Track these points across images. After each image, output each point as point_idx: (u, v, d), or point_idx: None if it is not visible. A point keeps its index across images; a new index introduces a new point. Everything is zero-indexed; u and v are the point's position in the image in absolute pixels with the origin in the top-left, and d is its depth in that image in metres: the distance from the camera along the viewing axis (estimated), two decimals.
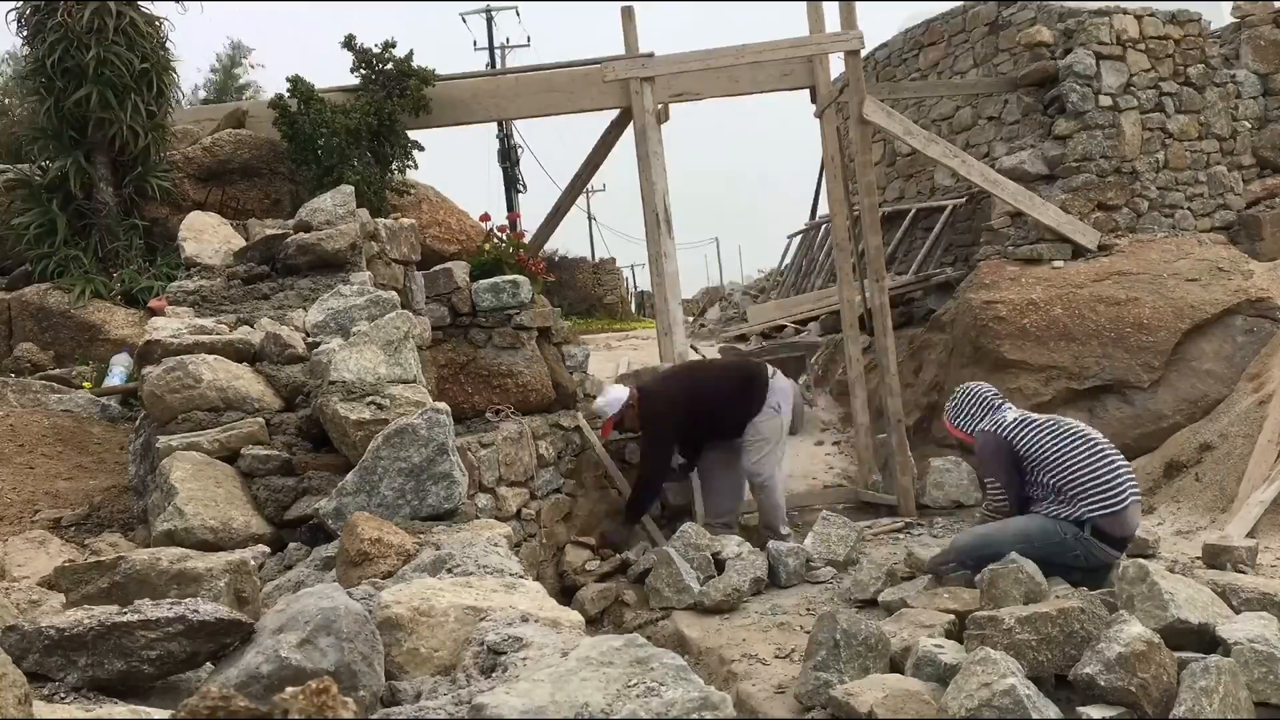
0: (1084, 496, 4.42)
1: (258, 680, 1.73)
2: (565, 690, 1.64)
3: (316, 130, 7.57)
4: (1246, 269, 8.32)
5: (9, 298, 6.66)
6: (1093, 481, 4.43)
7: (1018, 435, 4.70)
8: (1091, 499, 4.41)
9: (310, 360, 3.69)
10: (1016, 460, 4.69)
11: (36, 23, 6.82)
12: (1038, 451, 4.60)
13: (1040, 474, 4.59)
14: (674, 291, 7.69)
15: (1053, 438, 4.59)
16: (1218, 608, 3.73)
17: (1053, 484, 4.53)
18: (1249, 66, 9.60)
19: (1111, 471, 4.45)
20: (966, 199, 10.25)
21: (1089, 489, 4.42)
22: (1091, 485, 4.43)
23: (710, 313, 19.90)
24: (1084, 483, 4.44)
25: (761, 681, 4.19)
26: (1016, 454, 4.68)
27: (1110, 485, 4.42)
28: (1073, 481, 4.46)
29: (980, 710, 3.08)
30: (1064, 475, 4.49)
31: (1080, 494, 4.43)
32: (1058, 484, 4.51)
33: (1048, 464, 4.55)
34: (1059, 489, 4.50)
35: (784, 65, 8.39)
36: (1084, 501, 4.42)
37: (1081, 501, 4.42)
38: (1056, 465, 4.52)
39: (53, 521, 3.90)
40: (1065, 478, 4.49)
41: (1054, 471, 4.52)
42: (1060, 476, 4.50)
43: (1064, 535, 4.42)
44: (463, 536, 2.86)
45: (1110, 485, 4.42)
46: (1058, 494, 4.51)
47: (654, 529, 6.71)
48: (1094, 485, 4.43)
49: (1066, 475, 4.48)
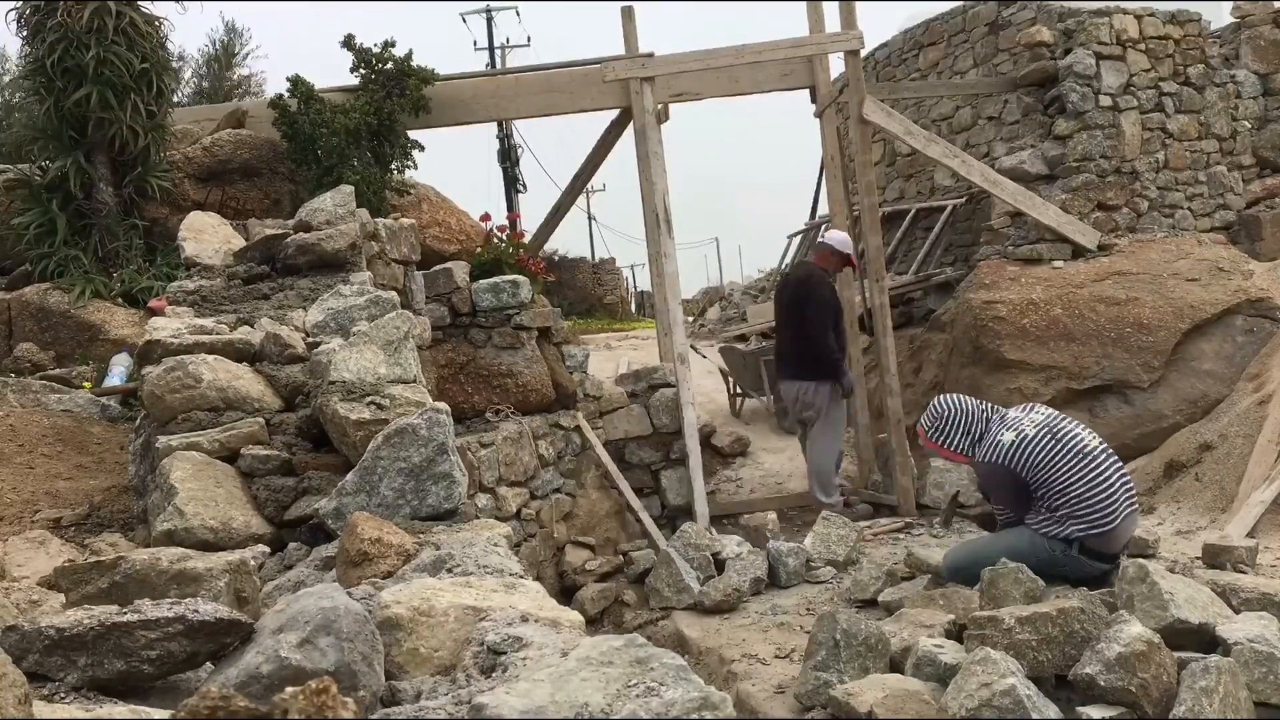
0: (1074, 517, 4.36)
1: (258, 680, 1.73)
2: (565, 690, 1.64)
3: (316, 130, 7.57)
4: (1246, 269, 8.32)
5: (9, 298, 6.66)
6: (1085, 502, 4.36)
7: (1017, 460, 4.54)
8: (1082, 519, 4.35)
9: (310, 360, 3.69)
10: (1022, 485, 4.57)
11: (36, 23, 6.82)
12: (1036, 474, 4.50)
13: (1036, 491, 4.52)
14: (674, 291, 7.70)
15: (1049, 458, 4.46)
16: (1218, 608, 3.73)
17: (1047, 501, 4.47)
18: (1249, 66, 9.60)
19: (1105, 491, 4.37)
20: (966, 199, 10.25)
21: (1080, 510, 4.36)
22: (1083, 506, 4.36)
23: (710, 313, 19.88)
24: (1076, 504, 4.37)
25: (761, 681, 4.19)
26: (1021, 480, 4.55)
27: (1103, 505, 4.35)
28: (1066, 501, 4.39)
29: (980, 710, 3.08)
30: (1057, 496, 4.42)
31: (1071, 515, 4.37)
32: (1052, 503, 4.44)
33: (1042, 484, 4.47)
34: (1053, 508, 4.44)
35: (784, 65, 8.39)
36: (1074, 522, 4.36)
37: (1072, 522, 4.36)
38: (1050, 487, 4.44)
39: (53, 521, 3.90)
40: (1058, 499, 4.42)
41: (1049, 491, 4.45)
42: (1055, 497, 4.43)
43: (1052, 552, 4.38)
44: (463, 536, 2.86)
45: (1103, 505, 4.35)
46: (1050, 511, 4.44)
47: (654, 529, 6.72)
48: (1086, 506, 4.36)
49: (1060, 496, 4.41)
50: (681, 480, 7.38)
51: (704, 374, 10.06)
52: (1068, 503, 4.38)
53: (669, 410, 7.52)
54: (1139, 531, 5.48)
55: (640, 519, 6.89)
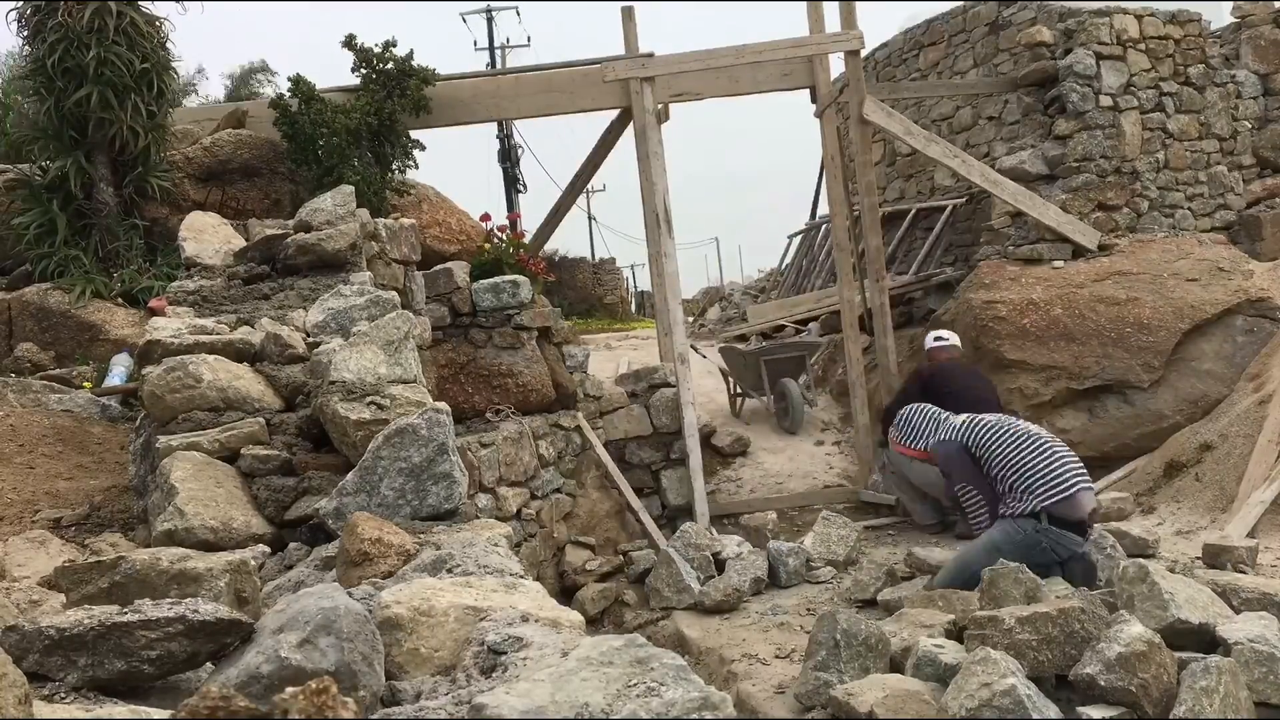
0: (1032, 491, 4.69)
1: (258, 680, 1.73)
2: (565, 690, 1.64)
3: (317, 130, 7.57)
4: (1246, 269, 8.32)
5: (9, 298, 6.66)
6: (1041, 473, 4.71)
7: (969, 436, 5.14)
8: (1040, 489, 4.68)
9: (310, 360, 3.69)
10: (976, 460, 5.09)
11: (37, 23, 6.82)
12: (988, 451, 4.98)
13: (993, 471, 4.92)
14: (674, 291, 7.70)
15: (998, 435, 4.98)
16: (1218, 608, 3.73)
17: (1006, 482, 4.84)
18: (1249, 66, 9.59)
19: (1058, 463, 4.74)
20: (966, 199, 10.24)
21: (1037, 481, 4.70)
22: (1039, 477, 4.71)
23: (710, 313, 19.88)
24: (1032, 476, 4.73)
25: (761, 681, 4.19)
26: (973, 454, 5.09)
27: (1056, 475, 4.69)
28: (1023, 475, 4.76)
29: (980, 710, 3.08)
30: (1014, 472, 4.80)
31: (1030, 487, 4.71)
32: (1010, 482, 4.81)
33: (997, 462, 4.90)
34: (1011, 487, 4.79)
35: (784, 65, 8.39)
36: (1035, 494, 4.68)
37: (1033, 494, 4.69)
38: (1005, 463, 4.85)
39: (53, 521, 3.90)
40: (1015, 474, 4.79)
41: (1004, 469, 4.85)
42: (1011, 473, 4.81)
43: (1025, 531, 4.65)
44: (463, 536, 2.86)
45: (1056, 475, 4.69)
46: (1010, 492, 4.80)
47: (654, 529, 6.72)
48: (1039, 476, 4.71)
49: (1016, 471, 4.79)
50: (682, 480, 7.38)
51: (704, 374, 10.05)
52: (1022, 476, 4.75)
53: (669, 410, 7.53)
54: (1139, 531, 5.50)
55: (640, 519, 6.89)
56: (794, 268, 14.52)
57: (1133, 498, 6.91)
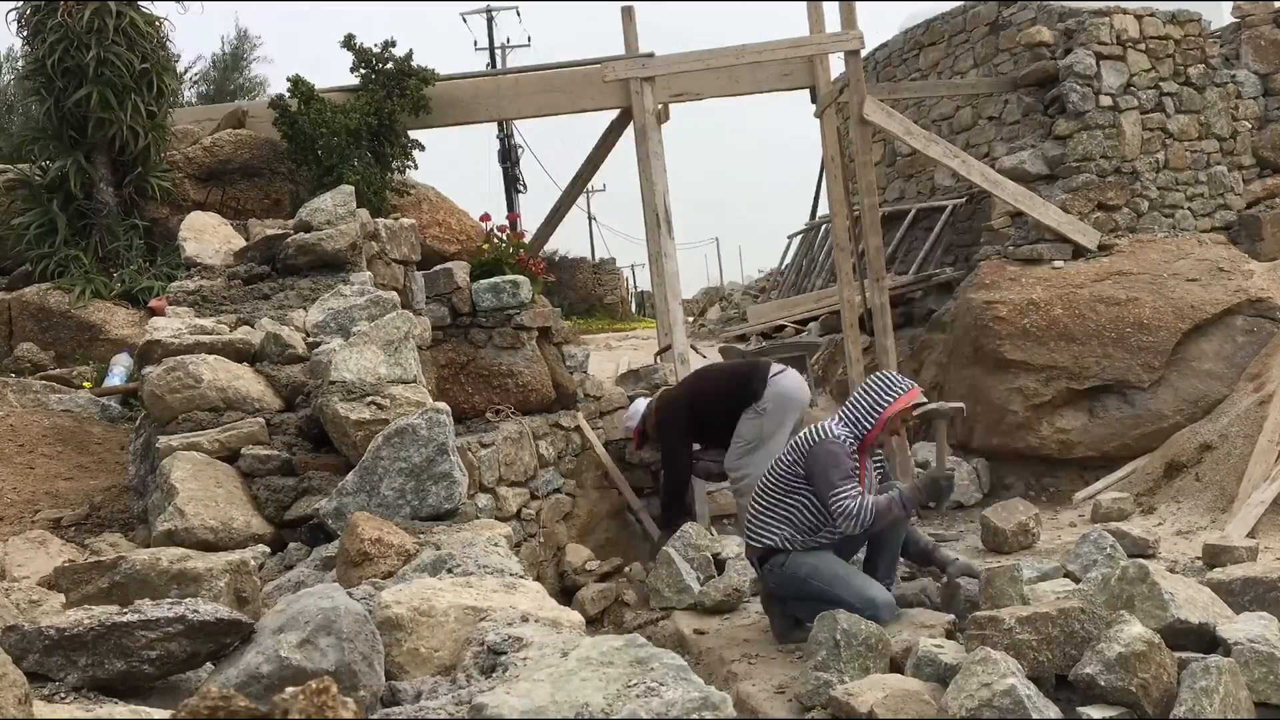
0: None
1: (258, 680, 1.73)
2: (565, 690, 1.64)
3: (316, 130, 7.56)
4: (1246, 269, 8.32)
5: (9, 298, 6.66)
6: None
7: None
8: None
9: (310, 360, 3.70)
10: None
11: (37, 23, 6.82)
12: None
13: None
14: (674, 291, 7.70)
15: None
16: (1218, 608, 3.73)
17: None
18: (1249, 66, 9.59)
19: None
20: (966, 199, 10.24)
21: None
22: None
23: (710, 313, 19.90)
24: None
25: (761, 681, 4.19)
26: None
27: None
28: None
29: (980, 710, 3.08)
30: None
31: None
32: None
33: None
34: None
35: (784, 65, 8.39)
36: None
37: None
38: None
39: (53, 521, 3.90)
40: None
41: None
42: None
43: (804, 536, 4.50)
44: (463, 536, 2.86)
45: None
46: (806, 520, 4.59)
47: (654, 529, 6.71)
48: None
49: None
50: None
51: None
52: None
53: None
54: (1139, 531, 5.50)
55: (640, 519, 6.88)
56: (794, 268, 14.52)
57: (1133, 498, 6.91)
